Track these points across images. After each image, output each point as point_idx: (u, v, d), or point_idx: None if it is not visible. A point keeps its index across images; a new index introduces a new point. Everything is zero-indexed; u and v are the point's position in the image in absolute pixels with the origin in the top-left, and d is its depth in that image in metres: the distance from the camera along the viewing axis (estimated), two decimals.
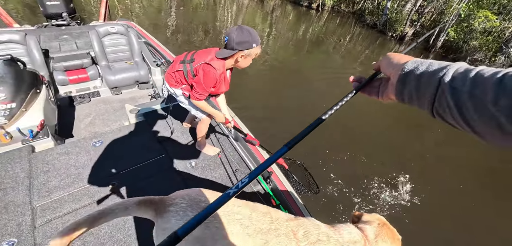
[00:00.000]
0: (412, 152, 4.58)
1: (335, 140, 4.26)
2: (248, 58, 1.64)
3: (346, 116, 4.96)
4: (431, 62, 0.47)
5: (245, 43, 1.55)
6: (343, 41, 10.64)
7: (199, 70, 1.66)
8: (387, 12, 13.94)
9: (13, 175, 1.76)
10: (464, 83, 0.39)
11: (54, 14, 4.26)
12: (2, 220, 1.51)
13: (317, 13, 16.21)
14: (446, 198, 3.70)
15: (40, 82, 2.44)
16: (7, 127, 2.05)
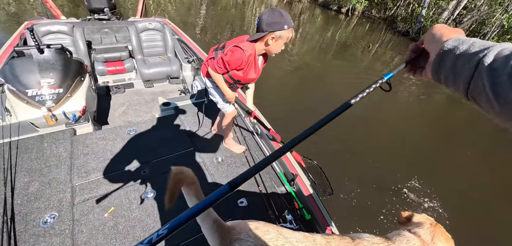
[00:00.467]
0: (443, 170, 4.32)
1: (358, 145, 4.14)
2: (280, 41, 1.53)
3: (372, 123, 4.81)
4: (474, 41, 0.43)
5: (276, 24, 1.45)
6: (371, 47, 10.27)
7: (228, 51, 1.63)
8: (421, 19, 13.28)
9: (57, 154, 1.91)
10: (506, 65, 0.36)
11: (97, 9, 4.56)
12: (46, 194, 1.65)
13: (346, 18, 15.82)
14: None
15: (84, 71, 2.62)
16: (53, 110, 2.23)
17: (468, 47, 0.43)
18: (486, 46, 0.40)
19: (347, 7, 16.64)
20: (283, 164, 2.16)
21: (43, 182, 1.71)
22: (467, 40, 0.44)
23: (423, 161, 4.14)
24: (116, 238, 1.51)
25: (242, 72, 1.68)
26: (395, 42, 12.02)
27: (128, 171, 1.91)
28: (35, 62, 2.27)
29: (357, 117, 4.82)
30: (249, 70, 1.68)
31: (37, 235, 1.45)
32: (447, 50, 0.46)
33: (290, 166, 2.10)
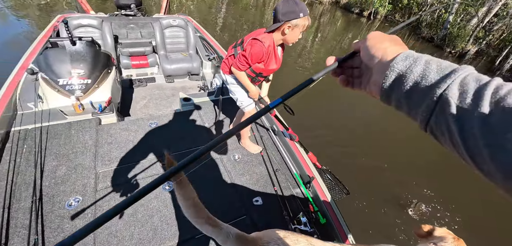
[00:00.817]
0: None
1: (376, 154, 4.03)
2: (296, 30, 1.55)
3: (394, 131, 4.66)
4: (428, 61, 0.35)
5: (291, 13, 1.47)
6: None
7: (247, 45, 1.65)
8: (447, 26, 12.72)
9: (83, 142, 2.00)
10: (476, 106, 0.27)
11: (124, 5, 4.71)
12: (72, 178, 1.73)
13: (368, 21, 15.43)
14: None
15: (111, 64, 2.72)
16: (82, 99, 2.33)
17: (423, 71, 0.34)
18: (447, 71, 0.32)
19: (369, 10, 16.23)
20: (300, 166, 2.14)
21: (70, 167, 1.79)
22: (419, 58, 0.36)
23: (440, 170, 3.97)
24: (135, 225, 1.56)
25: (263, 64, 1.70)
26: (418, 49, 11.59)
27: (148, 162, 1.97)
28: (67, 53, 2.38)
29: (373, 123, 4.70)
30: (270, 61, 1.70)
31: (62, 217, 1.52)
32: (397, 73, 0.37)
33: (306, 168, 2.08)
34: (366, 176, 3.51)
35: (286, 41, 1.65)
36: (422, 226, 1.00)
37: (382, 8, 16.39)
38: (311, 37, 9.71)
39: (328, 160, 3.46)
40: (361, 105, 5.37)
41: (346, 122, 4.72)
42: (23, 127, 2.01)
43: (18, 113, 2.13)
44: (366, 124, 4.79)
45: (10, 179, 1.63)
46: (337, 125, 4.52)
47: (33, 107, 2.19)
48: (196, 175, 1.95)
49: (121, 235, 1.50)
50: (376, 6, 16.05)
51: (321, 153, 2.38)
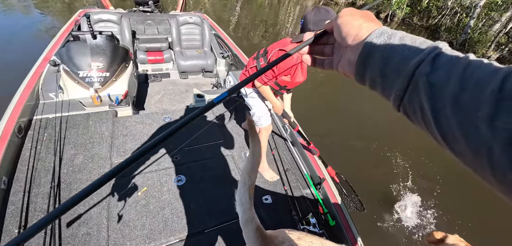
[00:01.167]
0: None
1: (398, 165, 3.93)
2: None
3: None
4: (402, 36, 0.34)
5: (323, 21, 1.41)
6: None
7: (273, 57, 1.57)
8: (468, 30, 12.24)
9: (100, 132, 2.06)
10: (447, 80, 0.27)
11: (142, 1, 4.81)
12: (88, 167, 1.78)
13: (385, 23, 15.07)
14: None
15: (129, 58, 2.79)
16: (100, 91, 2.40)
17: (397, 47, 0.33)
18: (421, 47, 0.31)
19: (386, 12, 15.85)
20: (311, 167, 2.12)
21: (87, 156, 1.85)
22: (394, 35, 0.35)
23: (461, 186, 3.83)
24: (147, 216, 1.59)
25: (289, 76, 1.62)
26: None
27: (161, 155, 2.00)
28: (88, 46, 2.45)
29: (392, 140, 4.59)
30: (297, 73, 1.62)
31: (78, 204, 1.57)
32: (371, 50, 0.35)
33: (317, 169, 2.06)
34: (378, 184, 3.44)
35: None
36: (434, 233, 0.97)
37: (399, 11, 15.97)
38: None
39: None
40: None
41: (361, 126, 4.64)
42: (45, 116, 2.09)
43: (40, 102, 2.22)
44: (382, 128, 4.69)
45: (31, 165, 1.70)
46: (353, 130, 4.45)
47: (54, 97, 2.27)
48: (206, 169, 1.98)
49: (133, 224, 1.54)
50: (393, 8, 15.65)
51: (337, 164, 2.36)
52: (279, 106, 1.81)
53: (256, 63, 1.70)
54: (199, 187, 1.83)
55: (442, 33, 13.73)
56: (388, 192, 3.32)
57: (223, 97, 0.45)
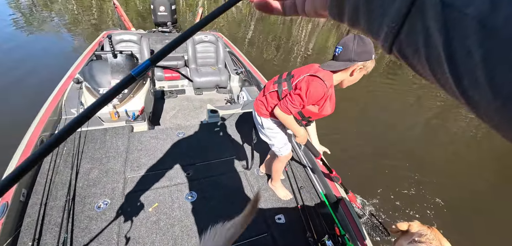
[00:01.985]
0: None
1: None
2: (363, 71, 1.33)
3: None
4: None
5: (366, 53, 1.25)
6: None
7: (301, 83, 1.34)
8: None
9: (115, 147, 2.06)
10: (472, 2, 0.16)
11: (161, 23, 5.00)
12: (102, 181, 1.77)
13: None
14: None
15: (146, 76, 2.83)
16: (118, 107, 2.43)
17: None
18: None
19: None
20: (326, 185, 1.99)
21: (102, 171, 1.84)
22: None
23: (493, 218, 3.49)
24: (156, 233, 1.54)
25: (317, 107, 1.41)
26: None
27: (174, 170, 1.96)
28: (109, 65, 2.52)
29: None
30: (326, 104, 1.42)
31: (90, 218, 1.55)
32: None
33: (333, 188, 1.93)
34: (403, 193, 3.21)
35: (348, 83, 1.38)
36: (398, 224, 0.94)
37: None
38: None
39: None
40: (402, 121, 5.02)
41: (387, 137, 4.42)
42: None
43: (62, 117, 2.27)
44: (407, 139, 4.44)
45: (50, 178, 1.71)
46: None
47: (75, 113, 2.32)
48: (218, 186, 1.91)
49: (142, 241, 1.48)
50: None
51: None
52: (303, 135, 1.55)
53: (278, 88, 1.47)
54: (210, 205, 1.76)
55: None
56: (416, 216, 3.07)
57: (145, 66, 0.36)
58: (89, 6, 10.46)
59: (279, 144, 1.65)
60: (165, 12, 4.94)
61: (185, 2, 14.83)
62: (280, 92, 1.45)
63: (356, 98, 5.43)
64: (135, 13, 10.12)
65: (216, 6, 10.42)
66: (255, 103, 1.64)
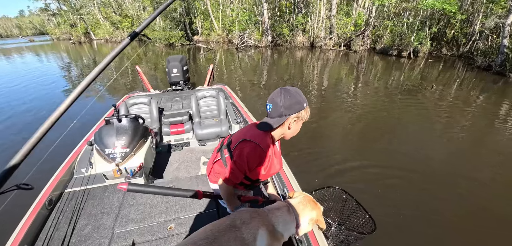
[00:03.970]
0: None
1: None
2: (300, 122, 1.25)
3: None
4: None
5: (297, 104, 1.18)
6: (436, 88, 8.64)
7: (237, 151, 1.21)
8: (504, 50, 10.73)
9: (111, 203, 2.18)
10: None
11: (175, 82, 5.44)
12: (92, 237, 1.86)
13: (409, 61, 14.18)
14: None
15: (148, 134, 3.04)
16: (120, 165, 2.61)
17: None
18: None
19: (408, 50, 15.02)
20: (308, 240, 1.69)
21: (94, 227, 1.94)
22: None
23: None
24: None
25: (264, 168, 1.27)
26: (478, 80, 9.88)
27: (157, 225, 1.99)
28: (114, 128, 2.77)
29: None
30: (272, 163, 1.29)
31: None
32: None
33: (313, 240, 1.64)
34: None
35: (289, 135, 1.29)
36: (289, 193, 1.38)
37: (421, 46, 15.00)
38: (353, 84, 9.26)
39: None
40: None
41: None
42: (73, 189, 2.32)
43: (73, 177, 2.49)
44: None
45: (50, 235, 1.84)
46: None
47: (84, 172, 2.54)
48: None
49: None
50: (414, 45, 14.78)
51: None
52: (233, 206, 1.37)
53: (220, 156, 1.34)
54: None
55: (476, 59, 12.26)
56: None
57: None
58: (125, 72, 11.79)
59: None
60: (177, 73, 5.41)
61: (204, 59, 16.03)
62: (223, 160, 1.32)
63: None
64: (163, 73, 11.16)
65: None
66: (207, 172, 1.50)
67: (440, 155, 4.38)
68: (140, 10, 29.59)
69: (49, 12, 38.76)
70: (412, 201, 3.25)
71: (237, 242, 0.96)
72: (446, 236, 2.76)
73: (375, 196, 3.34)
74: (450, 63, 13.24)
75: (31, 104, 7.92)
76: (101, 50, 23.75)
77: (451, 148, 4.65)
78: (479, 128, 5.58)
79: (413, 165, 4.02)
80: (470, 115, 6.27)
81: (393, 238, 2.70)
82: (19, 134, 5.71)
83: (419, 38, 14.64)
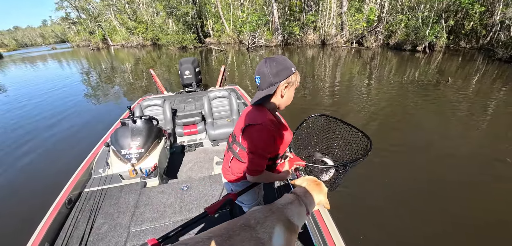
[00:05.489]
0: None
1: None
2: (291, 88, 1.19)
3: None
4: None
5: (284, 70, 1.13)
6: (452, 82, 8.19)
7: (245, 141, 1.20)
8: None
9: (126, 203, 2.20)
10: None
11: (187, 84, 5.49)
12: (109, 235, 1.88)
13: (425, 55, 13.61)
14: None
15: (162, 135, 3.07)
16: (136, 165, 2.64)
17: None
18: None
19: (423, 45, 14.42)
20: (322, 234, 1.68)
21: (111, 225, 1.97)
22: None
23: None
24: None
25: (278, 143, 1.25)
26: (500, 72, 9.32)
27: (171, 224, 1.99)
28: (129, 129, 2.81)
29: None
30: (283, 135, 1.25)
31: None
32: None
33: (328, 239, 1.61)
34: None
35: (283, 104, 1.23)
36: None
37: (437, 39, 14.35)
38: (366, 82, 8.98)
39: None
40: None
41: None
42: (91, 189, 2.37)
43: (91, 177, 2.55)
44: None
45: (69, 233, 1.88)
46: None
47: (102, 173, 2.59)
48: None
49: None
50: (429, 38, 14.16)
51: None
52: (285, 173, 1.39)
53: (233, 154, 1.30)
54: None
55: (498, 50, 11.58)
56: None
57: None
58: (140, 76, 12.07)
59: (249, 204, 1.48)
60: (190, 75, 5.45)
61: (216, 60, 16.13)
62: (237, 157, 1.28)
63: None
64: (176, 75, 11.33)
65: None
66: (223, 171, 1.44)
67: (462, 152, 4.14)
68: (153, 15, 30.26)
69: (69, 21, 40.42)
70: (431, 205, 3.08)
71: (251, 242, 0.95)
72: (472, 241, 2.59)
73: (392, 198, 3.20)
74: (469, 56, 12.58)
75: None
76: (118, 55, 24.50)
77: (472, 147, 4.38)
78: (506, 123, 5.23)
79: (433, 165, 3.82)
80: (491, 109, 5.90)
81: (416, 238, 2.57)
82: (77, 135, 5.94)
83: (435, 31, 14.03)
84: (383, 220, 2.81)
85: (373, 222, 2.78)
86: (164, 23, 27.22)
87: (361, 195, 3.17)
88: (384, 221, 2.79)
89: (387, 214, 2.89)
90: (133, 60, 19.52)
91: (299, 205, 1.12)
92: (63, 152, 5.05)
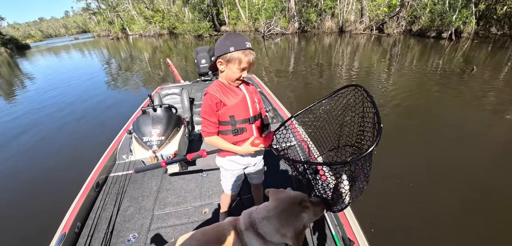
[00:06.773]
0: None
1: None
2: (230, 66, 1.19)
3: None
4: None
5: (221, 47, 1.18)
6: (477, 70, 7.64)
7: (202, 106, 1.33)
8: None
9: (150, 187, 2.31)
10: None
11: (203, 73, 5.54)
12: (135, 217, 1.99)
13: (450, 43, 12.77)
14: None
15: (181, 123, 3.15)
16: (157, 152, 2.75)
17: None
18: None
19: (449, 31, 13.51)
20: (341, 226, 1.74)
21: (136, 208, 2.08)
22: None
23: None
24: None
25: (225, 108, 1.27)
26: None
27: (193, 209, 2.07)
28: (150, 117, 2.91)
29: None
30: (230, 97, 1.28)
31: None
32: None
33: (348, 230, 1.67)
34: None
35: (227, 78, 1.27)
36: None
37: (464, 25, 13.37)
38: (385, 70, 8.63)
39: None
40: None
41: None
42: (117, 174, 2.50)
43: (116, 163, 2.68)
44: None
45: (98, 214, 2.02)
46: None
47: (125, 159, 2.72)
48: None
49: None
50: (456, 24, 13.23)
51: None
52: (242, 148, 1.35)
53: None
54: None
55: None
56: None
57: None
58: (158, 65, 12.33)
59: (223, 182, 1.63)
60: (206, 64, 5.48)
61: None
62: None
63: None
64: (192, 64, 11.49)
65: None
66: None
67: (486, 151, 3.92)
68: (170, 4, 30.50)
69: (90, 11, 41.77)
70: (451, 201, 2.97)
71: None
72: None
73: (412, 193, 3.11)
74: (501, 44, 11.67)
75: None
76: (136, 44, 25.13)
77: (499, 136, 4.13)
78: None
79: (456, 160, 3.66)
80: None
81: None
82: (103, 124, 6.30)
83: (463, 16, 13.08)
84: (400, 214, 2.75)
85: (391, 215, 2.73)
86: (180, 12, 27.39)
87: (382, 190, 3.11)
88: (400, 215, 2.73)
89: (404, 209, 2.83)
90: (151, 49, 19.95)
91: (269, 224, 0.94)
92: (89, 138, 5.34)
